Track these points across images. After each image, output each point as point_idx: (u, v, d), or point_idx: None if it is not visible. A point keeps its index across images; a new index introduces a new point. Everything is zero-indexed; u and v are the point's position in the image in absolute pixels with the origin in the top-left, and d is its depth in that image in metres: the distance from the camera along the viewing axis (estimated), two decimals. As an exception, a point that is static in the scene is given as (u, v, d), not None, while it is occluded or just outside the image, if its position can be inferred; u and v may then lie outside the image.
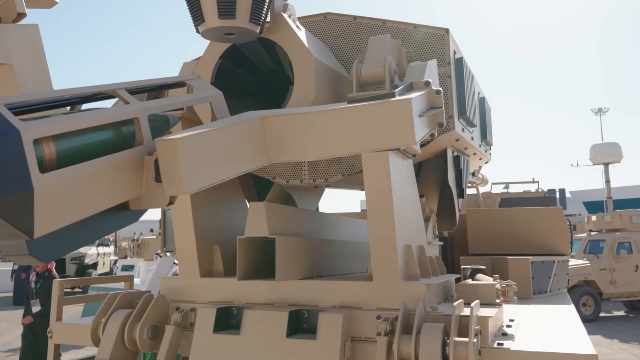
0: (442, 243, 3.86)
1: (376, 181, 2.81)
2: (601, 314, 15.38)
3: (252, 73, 3.27)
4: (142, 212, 2.00)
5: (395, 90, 2.32)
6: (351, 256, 3.94)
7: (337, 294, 2.99)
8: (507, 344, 2.81)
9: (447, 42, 3.35)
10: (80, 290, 19.03)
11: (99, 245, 23.04)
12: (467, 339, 2.50)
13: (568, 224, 12.26)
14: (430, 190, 3.94)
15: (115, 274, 20.93)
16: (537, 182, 12.10)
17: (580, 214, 29.87)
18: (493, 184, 11.04)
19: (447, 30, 3.36)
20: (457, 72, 3.48)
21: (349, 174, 3.44)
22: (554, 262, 5.65)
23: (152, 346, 3.14)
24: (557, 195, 37.62)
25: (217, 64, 3.01)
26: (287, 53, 2.89)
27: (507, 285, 3.28)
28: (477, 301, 2.86)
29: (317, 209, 6.07)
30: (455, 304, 2.63)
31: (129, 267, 17.14)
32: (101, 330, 3.17)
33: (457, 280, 4.20)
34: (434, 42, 3.38)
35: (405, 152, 3.00)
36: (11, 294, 19.46)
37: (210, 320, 2.97)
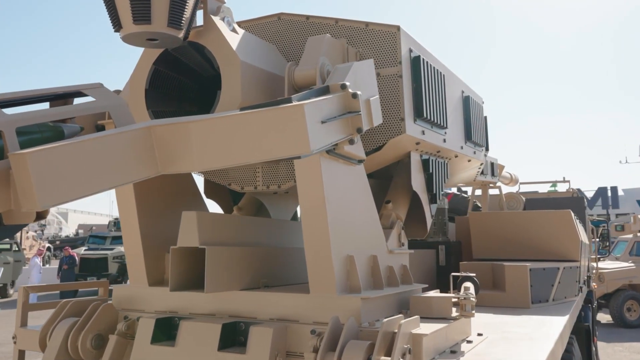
0: (412, 251, 3.65)
1: (308, 189, 2.68)
2: (648, 320, 14.55)
3: (191, 78, 3.19)
4: (20, 226, 1.95)
5: (294, 95, 2.18)
6: None
7: (276, 306, 2.88)
8: None
9: (398, 40, 3.16)
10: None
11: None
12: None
13: (605, 225, 11.54)
14: (399, 195, 3.74)
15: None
16: (568, 181, 11.53)
17: (634, 213, 28.21)
18: (521, 183, 10.55)
19: (398, 28, 3.16)
20: (413, 71, 3.28)
21: None
22: (557, 268, 5.30)
23: (96, 355, 3.12)
24: (609, 194, 35.86)
25: (152, 70, 2.94)
26: (215, 57, 2.79)
27: (464, 298, 3.07)
28: (416, 317, 2.68)
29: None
30: (385, 320, 2.47)
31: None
32: (48, 337, 3.18)
33: (441, 288, 3.99)
34: (384, 40, 3.18)
35: (347, 158, 2.84)
36: (58, 291, 20.28)
37: (149, 330, 2.93)
